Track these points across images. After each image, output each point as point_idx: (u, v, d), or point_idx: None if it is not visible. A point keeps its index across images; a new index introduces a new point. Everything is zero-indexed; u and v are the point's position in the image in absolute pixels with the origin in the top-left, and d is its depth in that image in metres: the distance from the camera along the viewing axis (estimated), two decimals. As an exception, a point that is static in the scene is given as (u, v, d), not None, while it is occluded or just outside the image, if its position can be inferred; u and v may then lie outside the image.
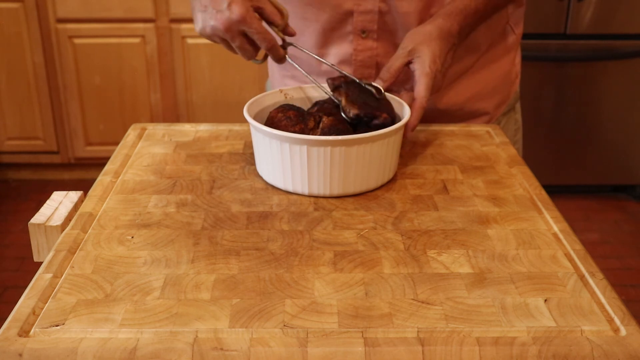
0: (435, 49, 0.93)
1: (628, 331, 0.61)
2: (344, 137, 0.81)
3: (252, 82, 2.77)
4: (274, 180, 0.87)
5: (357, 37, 1.05)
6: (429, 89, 0.90)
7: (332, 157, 0.81)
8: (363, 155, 0.82)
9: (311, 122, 0.87)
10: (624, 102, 2.69)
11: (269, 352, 0.58)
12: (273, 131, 0.82)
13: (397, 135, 0.86)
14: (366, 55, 1.06)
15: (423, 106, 0.90)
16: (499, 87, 1.15)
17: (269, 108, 0.94)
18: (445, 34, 0.95)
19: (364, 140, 0.81)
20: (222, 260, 0.71)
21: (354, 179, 0.83)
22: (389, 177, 0.88)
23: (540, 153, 2.74)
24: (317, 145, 0.81)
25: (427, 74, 0.91)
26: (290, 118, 0.87)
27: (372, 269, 0.70)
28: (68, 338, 0.59)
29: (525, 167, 0.93)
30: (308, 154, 0.81)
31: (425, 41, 0.93)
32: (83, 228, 0.77)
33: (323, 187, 0.83)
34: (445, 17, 0.96)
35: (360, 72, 1.08)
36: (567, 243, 0.75)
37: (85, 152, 2.89)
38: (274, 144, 0.83)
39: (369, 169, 0.84)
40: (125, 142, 1.01)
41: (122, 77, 2.77)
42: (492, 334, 0.60)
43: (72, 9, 2.66)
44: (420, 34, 0.95)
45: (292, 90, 0.99)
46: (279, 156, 0.84)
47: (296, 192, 0.85)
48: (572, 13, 2.55)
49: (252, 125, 0.86)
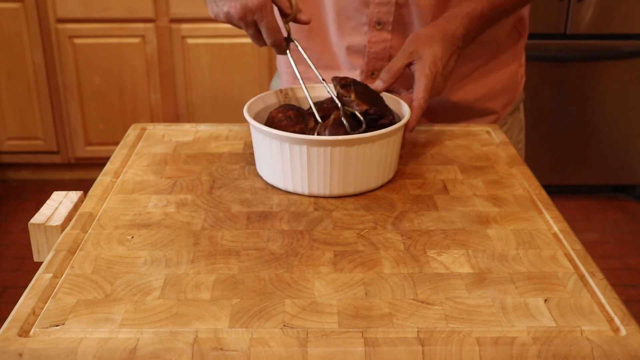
0: (437, 51, 0.92)
1: (628, 331, 0.61)
2: (344, 137, 0.81)
3: (252, 82, 2.77)
4: (274, 180, 0.87)
5: (372, 28, 1.05)
6: (428, 90, 0.90)
7: (332, 157, 0.81)
8: (363, 155, 0.82)
9: (311, 122, 0.87)
10: (624, 102, 2.69)
11: (269, 352, 0.58)
12: (273, 131, 0.82)
13: (397, 135, 0.86)
14: (380, 47, 1.06)
15: (422, 107, 0.90)
16: (507, 88, 1.15)
17: (270, 108, 0.94)
18: (449, 37, 0.94)
19: (364, 140, 0.81)
20: (222, 260, 0.71)
21: (354, 179, 0.83)
22: (389, 177, 0.88)
23: (540, 153, 2.74)
24: (317, 145, 0.81)
25: (426, 75, 0.91)
26: (291, 118, 0.87)
27: (372, 269, 0.70)
28: (68, 338, 0.59)
29: (525, 167, 0.93)
30: (308, 154, 0.81)
31: (427, 43, 0.93)
32: (83, 228, 0.77)
33: (323, 187, 0.83)
34: (450, 20, 0.96)
35: (373, 65, 1.08)
36: (567, 243, 0.75)
37: (85, 152, 2.89)
38: (274, 144, 0.83)
39: (369, 169, 0.84)
40: (125, 142, 1.01)
41: (122, 77, 2.77)
42: (492, 334, 0.60)
43: (72, 9, 2.66)
44: (423, 36, 0.95)
45: (292, 90, 0.99)
46: (279, 156, 0.84)
47: (296, 192, 0.85)
48: (572, 13, 2.55)
49: (252, 125, 0.86)
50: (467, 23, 0.96)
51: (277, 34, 0.89)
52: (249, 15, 0.87)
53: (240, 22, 0.88)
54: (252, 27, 0.89)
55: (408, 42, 0.95)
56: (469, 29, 0.97)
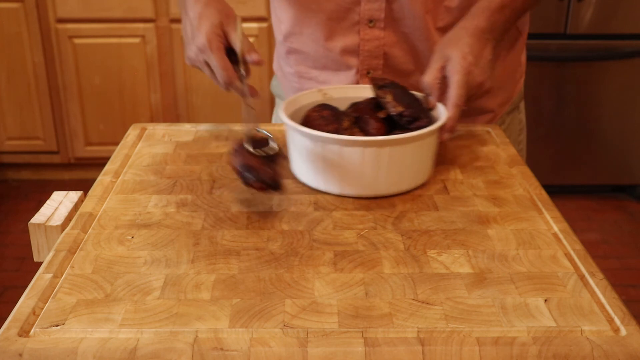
0: (464, 47, 0.92)
1: (628, 331, 0.61)
2: (377, 138, 0.80)
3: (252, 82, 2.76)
4: (307, 180, 0.86)
5: (364, 26, 1.05)
6: (462, 86, 0.89)
7: (365, 157, 0.81)
8: (395, 156, 0.81)
9: (346, 122, 0.86)
10: (624, 102, 2.69)
11: (269, 352, 0.58)
12: (307, 130, 0.82)
13: (430, 138, 0.84)
14: (373, 45, 1.06)
15: (457, 104, 0.88)
16: (504, 86, 1.14)
17: (306, 107, 0.93)
18: (473, 32, 0.94)
19: (396, 142, 0.81)
20: (222, 260, 0.71)
21: (386, 181, 0.83)
22: (423, 180, 0.87)
23: (540, 153, 2.73)
24: (349, 145, 0.80)
25: (458, 71, 0.90)
26: (325, 117, 0.86)
27: (372, 269, 0.70)
28: (68, 338, 0.59)
29: (525, 167, 0.93)
30: (340, 153, 0.81)
31: (453, 43, 0.93)
32: (83, 228, 0.77)
33: (355, 188, 0.83)
34: (469, 18, 0.96)
35: (367, 63, 1.08)
36: (567, 243, 0.75)
37: (85, 152, 2.89)
38: (307, 143, 0.83)
39: (402, 171, 0.83)
40: (125, 142, 1.01)
41: (122, 77, 2.77)
42: (492, 334, 0.60)
43: (72, 9, 2.66)
44: (448, 40, 0.95)
45: (331, 90, 0.98)
46: (312, 155, 0.83)
47: (327, 192, 0.85)
48: (572, 13, 2.55)
49: (286, 124, 0.86)
50: (489, 16, 0.96)
51: (225, 71, 0.88)
52: (200, 55, 0.89)
53: (197, 63, 0.90)
54: (206, 67, 0.90)
55: (437, 48, 0.95)
56: (493, 21, 0.96)
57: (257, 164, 0.78)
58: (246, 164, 0.77)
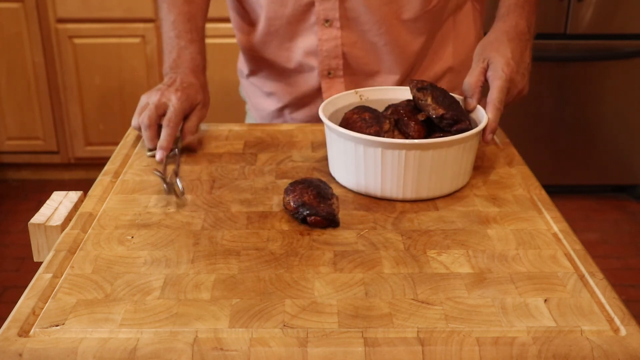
0: (506, 52, 0.92)
1: (628, 331, 0.61)
2: (419, 141, 0.80)
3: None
4: (348, 182, 0.86)
5: (321, 27, 1.06)
6: (502, 91, 0.89)
7: (407, 160, 0.81)
8: (437, 160, 0.81)
9: (386, 125, 0.86)
10: (624, 102, 2.69)
11: (269, 352, 0.58)
12: (348, 132, 0.82)
13: (472, 141, 0.84)
14: (331, 44, 1.07)
15: (497, 108, 0.88)
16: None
17: (344, 109, 0.92)
18: (514, 34, 0.94)
19: (439, 145, 0.80)
20: (222, 260, 0.71)
21: (427, 184, 0.82)
22: (464, 183, 0.87)
23: (540, 153, 2.73)
24: (392, 148, 0.80)
25: (500, 76, 0.90)
26: (366, 120, 0.86)
27: (372, 269, 0.70)
28: (68, 338, 0.59)
29: (525, 167, 0.93)
30: (382, 156, 0.81)
31: (495, 47, 0.93)
32: (83, 228, 0.77)
33: (396, 191, 0.83)
34: (507, 19, 0.96)
35: (327, 64, 1.09)
36: (567, 243, 0.75)
37: (85, 152, 2.89)
38: (348, 145, 0.83)
39: (443, 174, 0.83)
40: (125, 142, 1.01)
41: (122, 77, 2.77)
42: (492, 334, 0.60)
43: (72, 9, 2.66)
44: (489, 42, 0.95)
45: (367, 92, 0.98)
46: (353, 158, 0.83)
47: (369, 195, 0.85)
48: (572, 13, 2.55)
49: (327, 126, 0.85)
50: (524, 14, 0.96)
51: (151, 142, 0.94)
52: (150, 106, 0.98)
53: (143, 105, 0.99)
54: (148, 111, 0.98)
55: (477, 52, 0.95)
56: (528, 17, 0.96)
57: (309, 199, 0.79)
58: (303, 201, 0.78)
